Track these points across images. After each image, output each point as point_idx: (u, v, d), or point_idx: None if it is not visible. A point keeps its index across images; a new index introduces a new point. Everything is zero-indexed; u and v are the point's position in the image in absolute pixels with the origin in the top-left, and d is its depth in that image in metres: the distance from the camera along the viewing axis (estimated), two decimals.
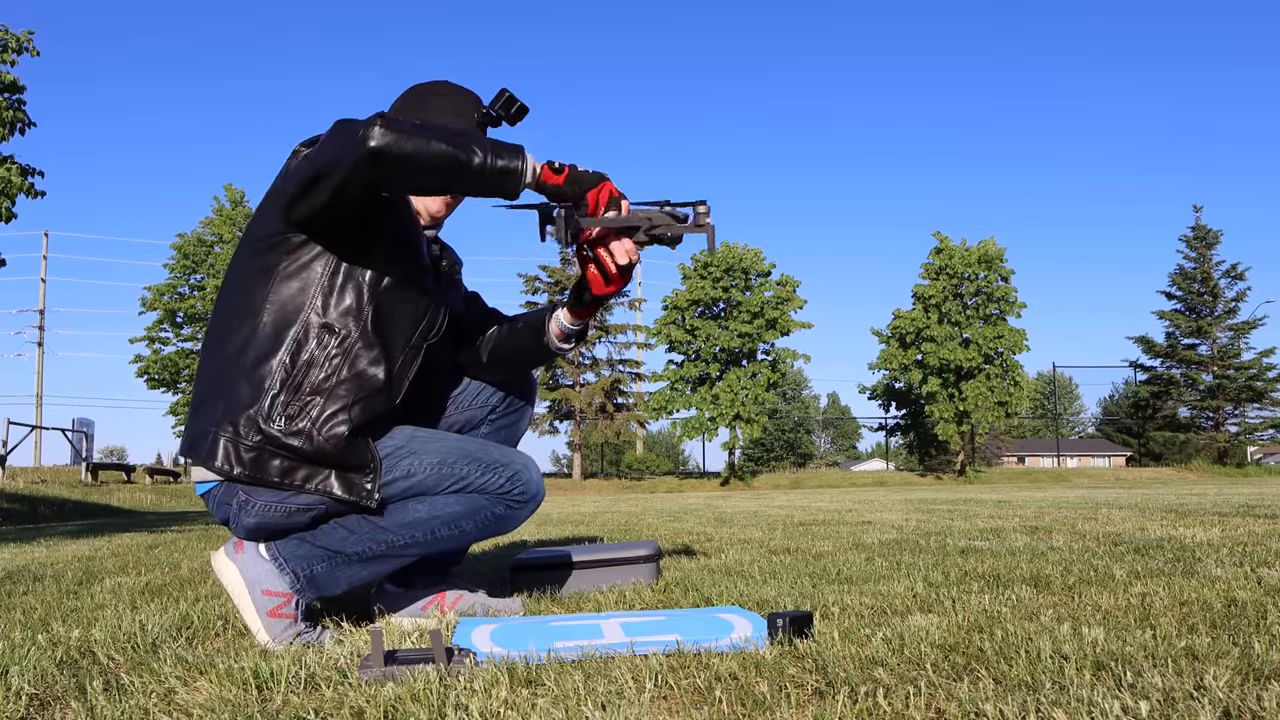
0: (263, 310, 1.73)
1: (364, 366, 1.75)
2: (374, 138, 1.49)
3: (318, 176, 1.59)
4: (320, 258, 1.74)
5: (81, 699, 1.30)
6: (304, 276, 1.74)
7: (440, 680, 1.30)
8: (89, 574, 3.17)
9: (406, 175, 1.56)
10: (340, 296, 1.74)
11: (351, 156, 1.52)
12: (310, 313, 1.73)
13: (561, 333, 2.00)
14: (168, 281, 28.28)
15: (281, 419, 1.69)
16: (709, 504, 10.04)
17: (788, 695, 1.20)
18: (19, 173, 9.89)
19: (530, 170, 1.61)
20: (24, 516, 11.27)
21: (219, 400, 1.72)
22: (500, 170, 1.57)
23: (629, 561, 2.40)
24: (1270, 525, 3.81)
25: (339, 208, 1.65)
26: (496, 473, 1.82)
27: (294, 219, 1.71)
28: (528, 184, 1.61)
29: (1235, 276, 35.44)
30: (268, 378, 1.70)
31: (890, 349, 30.74)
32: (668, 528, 5.00)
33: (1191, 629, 1.54)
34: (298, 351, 1.72)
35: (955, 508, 6.62)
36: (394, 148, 1.50)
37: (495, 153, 1.57)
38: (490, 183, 1.58)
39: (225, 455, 1.69)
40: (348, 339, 1.74)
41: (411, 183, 1.62)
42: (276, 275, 1.74)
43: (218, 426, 1.71)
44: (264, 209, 1.80)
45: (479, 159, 1.55)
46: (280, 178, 1.78)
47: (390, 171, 1.54)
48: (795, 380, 72.37)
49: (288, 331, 1.73)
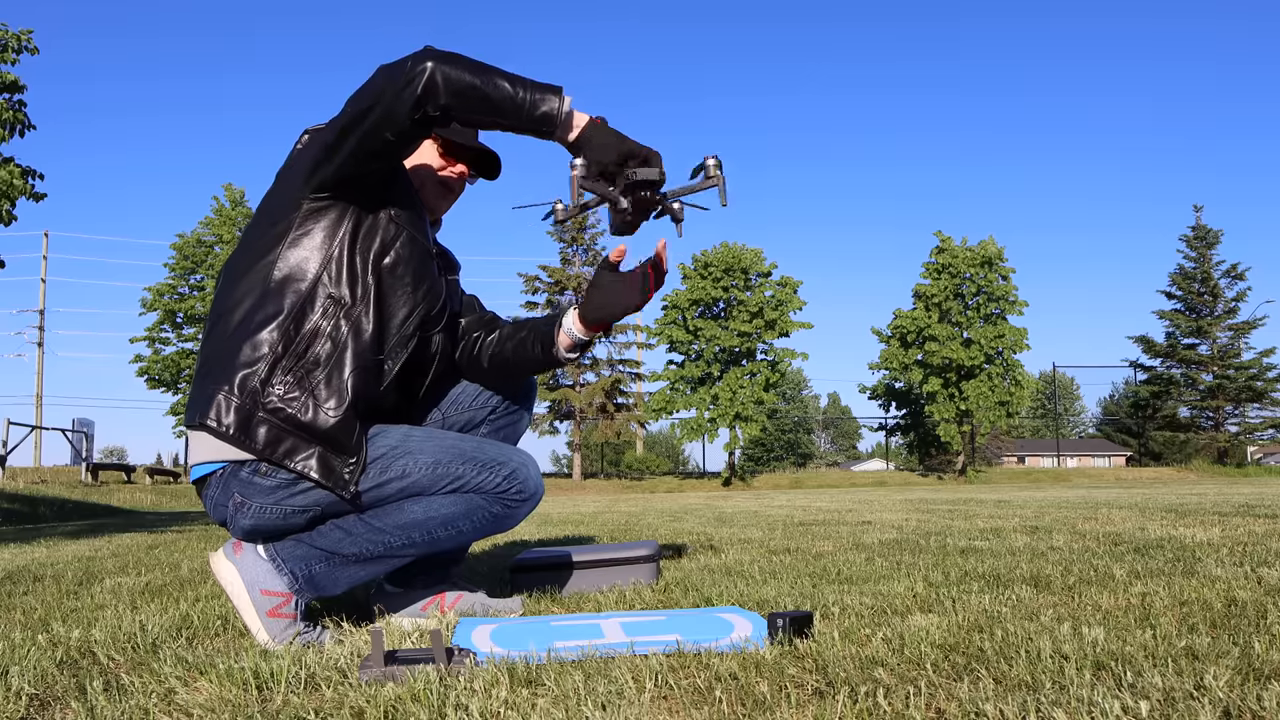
0: (270, 277, 1.75)
1: (363, 341, 1.76)
2: (430, 57, 1.60)
3: (363, 111, 1.64)
4: (330, 229, 1.77)
5: (81, 699, 1.30)
6: (312, 246, 1.76)
7: (440, 680, 1.30)
8: (89, 574, 3.17)
9: (455, 93, 1.61)
10: (346, 269, 1.77)
11: (406, 76, 1.59)
12: (317, 283, 1.75)
13: (571, 343, 2.01)
14: (168, 282, 28.28)
15: (280, 385, 1.71)
16: (709, 504, 10.04)
17: (788, 695, 1.20)
18: (20, 175, 9.90)
19: (566, 108, 1.66)
20: (24, 516, 11.27)
21: (222, 362, 1.73)
22: (538, 100, 1.64)
23: (629, 561, 2.40)
24: (1270, 525, 3.81)
25: (371, 146, 1.67)
26: (493, 471, 1.82)
27: (316, 179, 1.74)
28: (563, 119, 1.66)
29: (1235, 276, 35.45)
30: (270, 342, 1.72)
31: (891, 348, 30.75)
32: (668, 528, 5.00)
33: (1191, 629, 1.54)
34: (302, 319, 1.74)
35: (955, 508, 6.62)
36: (444, 67, 1.60)
37: (535, 87, 1.65)
38: (529, 112, 1.65)
39: (218, 409, 1.70)
40: (352, 311, 1.76)
41: (460, 108, 1.64)
42: (285, 244, 1.76)
43: (216, 384, 1.72)
44: (276, 186, 1.83)
45: (522, 91, 1.64)
46: (294, 155, 1.82)
47: (441, 87, 1.59)
48: (795, 380, 72.38)
49: (294, 299, 1.74)
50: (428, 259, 1.87)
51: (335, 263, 1.76)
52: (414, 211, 1.87)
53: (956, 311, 29.86)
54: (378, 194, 1.79)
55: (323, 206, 1.77)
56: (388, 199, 1.81)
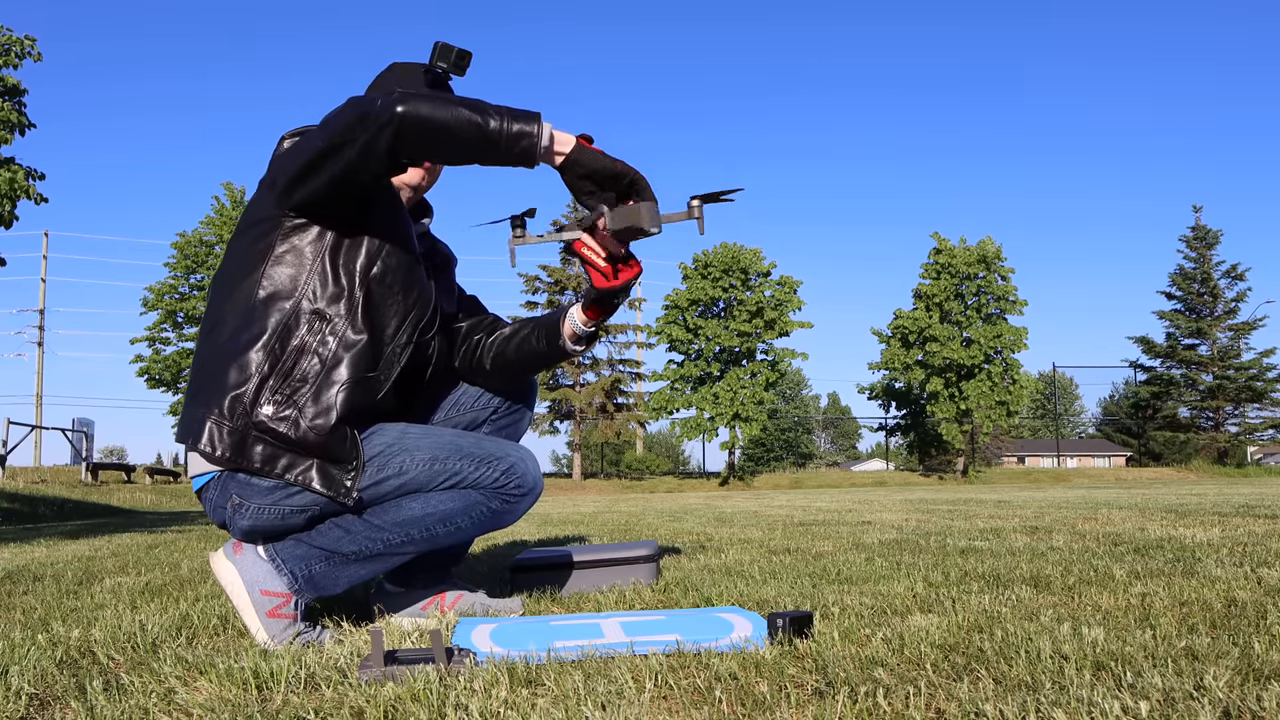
0: (254, 295, 1.74)
1: (353, 355, 1.75)
2: (398, 103, 1.54)
3: (335, 145, 1.60)
4: (312, 244, 1.75)
5: (81, 699, 1.30)
6: (296, 262, 1.74)
7: (440, 680, 1.30)
8: (89, 574, 3.17)
9: (426, 139, 1.57)
10: (331, 283, 1.75)
11: (375, 123, 1.55)
12: (301, 299, 1.74)
13: (574, 334, 2.00)
14: (168, 281, 28.29)
15: (269, 404, 1.70)
16: (709, 504, 10.04)
17: (788, 695, 1.20)
18: (25, 177, 9.92)
19: (547, 136, 1.61)
20: (24, 516, 11.27)
21: (210, 384, 1.72)
22: (516, 134, 1.58)
23: (629, 561, 2.40)
24: (1270, 525, 3.81)
25: (347, 181, 1.65)
26: (491, 466, 1.81)
27: (294, 199, 1.72)
28: (544, 150, 1.61)
29: (1235, 277, 35.45)
30: (256, 362, 1.71)
31: (892, 348, 30.75)
32: (668, 528, 5.00)
33: (1191, 629, 1.54)
34: (287, 337, 1.72)
35: (955, 508, 6.62)
36: (415, 111, 1.54)
37: (511, 117, 1.58)
38: (507, 147, 1.59)
39: (210, 437, 1.69)
40: (338, 326, 1.74)
41: (431, 147, 1.60)
42: (268, 261, 1.75)
43: (206, 408, 1.71)
44: (258, 197, 1.81)
45: (495, 123, 1.57)
46: (274, 164, 1.78)
47: (411, 135, 1.56)
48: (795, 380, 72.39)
49: (279, 317, 1.73)
50: (415, 264, 1.86)
51: (319, 277, 1.74)
52: (398, 216, 1.84)
53: (957, 311, 29.88)
54: (358, 209, 1.76)
55: (304, 222, 1.75)
56: (370, 208, 1.78)
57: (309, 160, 1.64)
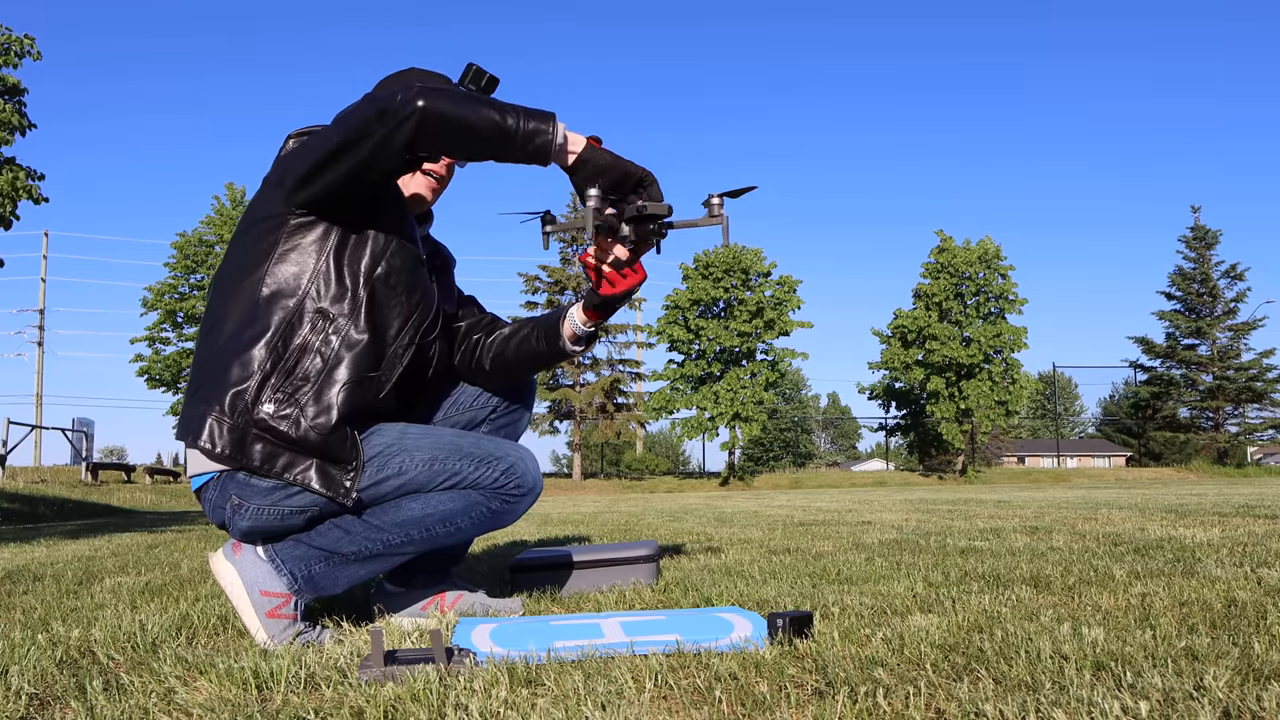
0: (258, 293, 1.74)
1: (355, 354, 1.75)
2: (420, 97, 1.56)
3: (352, 140, 1.61)
4: (317, 243, 1.75)
5: (81, 699, 1.30)
6: (299, 261, 1.75)
7: (440, 680, 1.30)
8: (89, 574, 3.17)
9: (446, 133, 1.59)
10: (336, 283, 1.75)
11: (395, 117, 1.56)
12: (305, 297, 1.74)
13: (574, 334, 2.00)
14: (168, 281, 28.29)
15: (270, 402, 1.70)
16: (709, 504, 10.05)
17: (788, 695, 1.20)
18: (25, 176, 9.92)
19: (561, 135, 1.62)
20: (24, 516, 11.26)
21: (211, 381, 1.72)
22: (532, 132, 1.60)
23: (629, 561, 2.40)
24: (1270, 525, 3.81)
25: (361, 177, 1.65)
26: (490, 466, 1.81)
27: (303, 196, 1.72)
28: (557, 149, 1.63)
29: (1235, 277, 35.45)
30: (259, 360, 1.71)
31: (893, 348, 30.76)
32: (668, 528, 5.00)
33: (1191, 629, 1.54)
34: (290, 335, 1.72)
35: (955, 508, 6.62)
36: (437, 106, 1.57)
37: (527, 115, 1.61)
38: (522, 145, 1.61)
39: (210, 433, 1.69)
40: (341, 325, 1.75)
41: (450, 142, 1.62)
42: (272, 258, 1.75)
43: (207, 405, 1.71)
44: (262, 195, 1.81)
45: (513, 120, 1.60)
46: (280, 162, 1.79)
47: (432, 129, 1.58)
48: (795, 380, 72.36)
49: (282, 315, 1.73)
50: (419, 265, 1.86)
51: (323, 277, 1.75)
52: (403, 217, 1.85)
53: (956, 311, 29.88)
54: (365, 208, 1.77)
55: (310, 221, 1.75)
56: (376, 208, 1.79)
57: (324, 155, 1.65)
